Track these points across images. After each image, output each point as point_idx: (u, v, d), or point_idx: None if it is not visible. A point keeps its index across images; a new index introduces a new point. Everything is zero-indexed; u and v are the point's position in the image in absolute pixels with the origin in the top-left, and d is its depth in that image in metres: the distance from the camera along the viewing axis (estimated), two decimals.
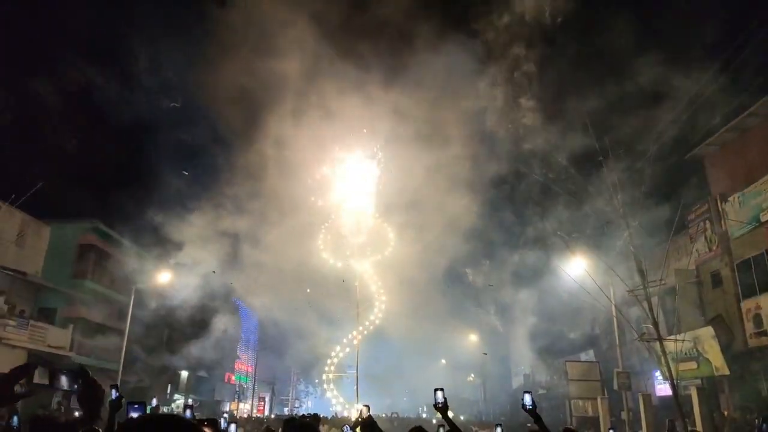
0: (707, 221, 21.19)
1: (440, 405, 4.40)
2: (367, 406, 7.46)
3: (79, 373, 2.67)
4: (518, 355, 42.66)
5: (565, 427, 12.33)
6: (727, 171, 20.87)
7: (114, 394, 3.84)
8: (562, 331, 29.67)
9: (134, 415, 2.75)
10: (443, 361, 52.48)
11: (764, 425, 10.03)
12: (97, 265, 28.64)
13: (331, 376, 20.80)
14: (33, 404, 23.66)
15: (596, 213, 14.58)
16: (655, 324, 13.28)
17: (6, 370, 5.92)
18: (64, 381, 4.06)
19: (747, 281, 18.89)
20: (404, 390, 69.00)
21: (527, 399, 4.33)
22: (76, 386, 3.02)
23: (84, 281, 27.31)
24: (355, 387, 20.05)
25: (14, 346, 22.45)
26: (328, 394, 20.81)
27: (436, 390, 4.48)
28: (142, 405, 3.14)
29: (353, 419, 25.10)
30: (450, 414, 4.55)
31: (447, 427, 4.70)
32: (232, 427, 5.72)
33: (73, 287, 27.00)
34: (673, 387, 12.95)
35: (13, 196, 14.70)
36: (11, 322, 21.55)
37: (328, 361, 21.25)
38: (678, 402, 13.55)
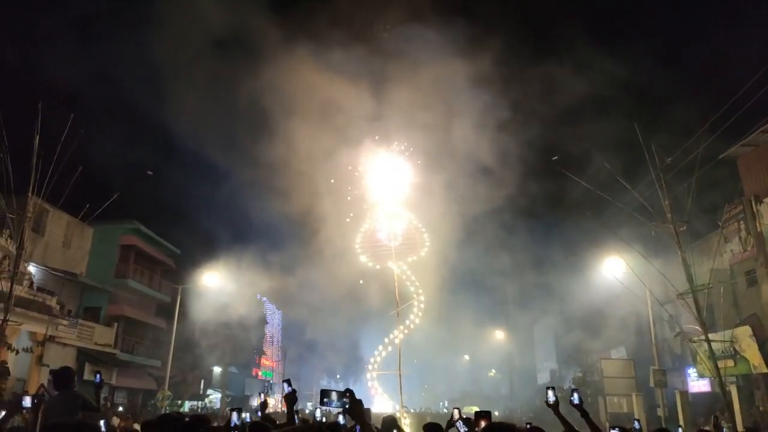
0: (741, 221, 21.50)
1: (552, 403, 4.73)
2: None
3: (345, 393, 3.15)
4: (544, 350, 42.88)
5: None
6: (761, 172, 21.16)
7: (287, 388, 3.98)
8: (590, 328, 29.99)
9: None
10: (466, 357, 52.97)
11: None
12: (137, 265, 29.44)
13: (375, 374, 21.42)
14: None
15: (641, 214, 14.88)
16: (703, 325, 13.68)
17: (58, 367, 6.47)
18: (334, 396, 4.19)
19: None
20: (422, 385, 69.67)
21: (575, 397, 4.87)
22: (341, 404, 3.28)
23: (126, 281, 28.08)
24: (399, 386, 20.59)
25: (65, 344, 23.31)
26: (372, 391, 21.48)
27: (547, 388, 4.93)
28: None
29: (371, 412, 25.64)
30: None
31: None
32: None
33: (116, 286, 27.81)
34: (722, 385, 13.38)
35: (88, 205, 15.37)
36: (64, 322, 22.34)
37: (371, 360, 21.89)
38: (726, 399, 14.00)
